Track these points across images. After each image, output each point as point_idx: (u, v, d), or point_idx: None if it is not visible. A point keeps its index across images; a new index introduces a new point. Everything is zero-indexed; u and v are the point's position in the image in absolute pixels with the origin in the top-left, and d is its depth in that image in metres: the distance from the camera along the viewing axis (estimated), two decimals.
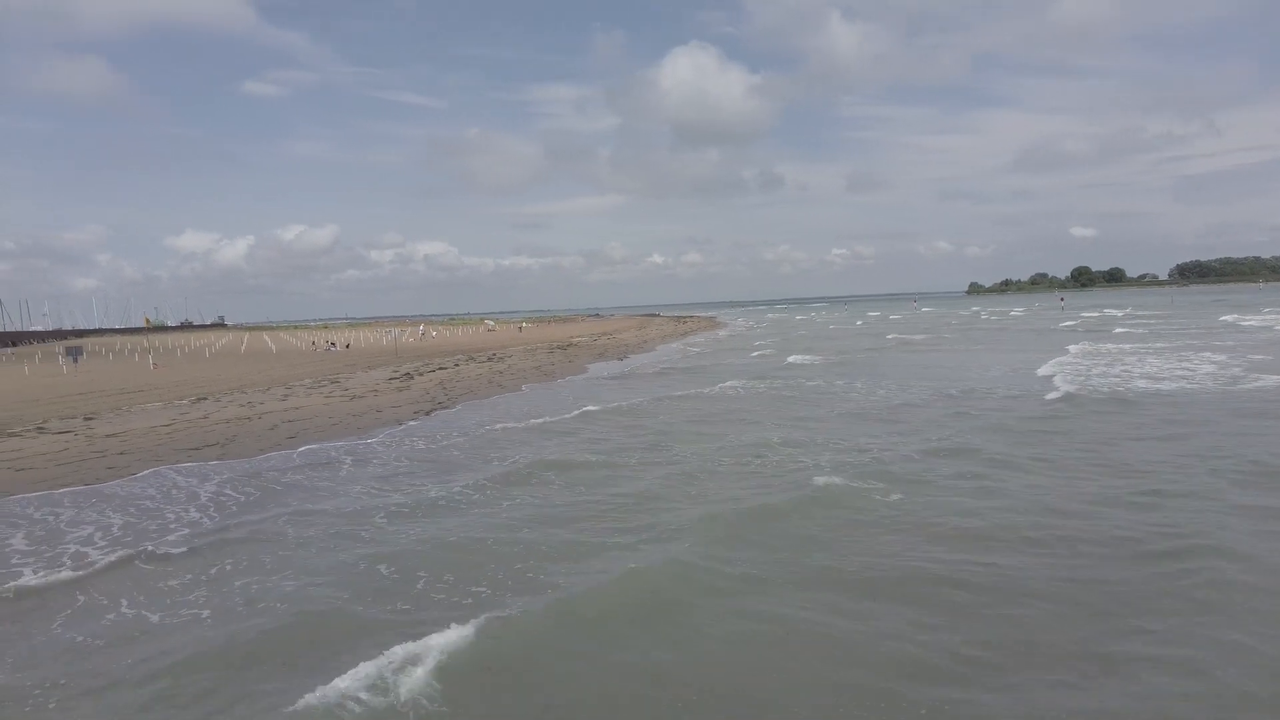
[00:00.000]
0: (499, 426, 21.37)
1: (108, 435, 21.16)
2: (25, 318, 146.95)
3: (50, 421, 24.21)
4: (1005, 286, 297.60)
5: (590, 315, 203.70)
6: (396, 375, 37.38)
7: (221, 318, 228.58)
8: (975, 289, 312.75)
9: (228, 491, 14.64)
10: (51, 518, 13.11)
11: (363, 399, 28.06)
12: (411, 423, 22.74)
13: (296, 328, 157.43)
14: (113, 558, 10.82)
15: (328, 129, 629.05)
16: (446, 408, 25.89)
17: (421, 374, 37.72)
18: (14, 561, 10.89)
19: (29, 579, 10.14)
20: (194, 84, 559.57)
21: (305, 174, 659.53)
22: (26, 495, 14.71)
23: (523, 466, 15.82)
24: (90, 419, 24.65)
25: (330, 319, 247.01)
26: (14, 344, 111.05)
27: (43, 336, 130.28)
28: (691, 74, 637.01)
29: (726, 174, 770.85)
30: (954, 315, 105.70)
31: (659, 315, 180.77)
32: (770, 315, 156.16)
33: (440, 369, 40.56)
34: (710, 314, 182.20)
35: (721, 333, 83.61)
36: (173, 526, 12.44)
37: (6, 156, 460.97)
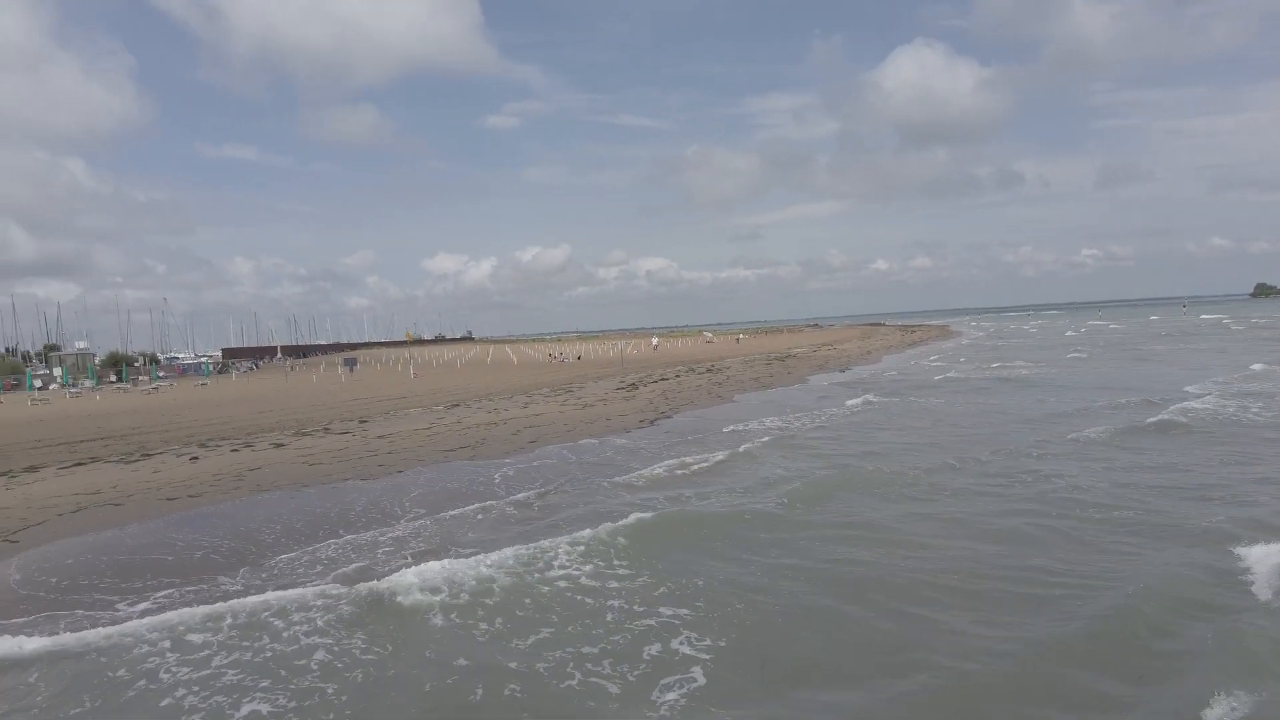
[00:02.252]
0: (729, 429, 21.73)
1: (378, 436, 24.06)
2: (313, 333, 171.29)
3: (334, 423, 27.99)
4: None
5: (809, 325, 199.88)
6: (623, 385, 39.08)
7: (469, 331, 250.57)
8: (1264, 290, 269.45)
9: (510, 475, 16.18)
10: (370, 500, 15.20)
11: (593, 407, 29.67)
12: (637, 430, 23.73)
13: (534, 340, 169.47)
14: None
15: (559, 155, 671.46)
16: (668, 417, 26.72)
17: (645, 384, 39.15)
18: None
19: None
20: (445, 121, 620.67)
21: (540, 198, 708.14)
22: (320, 487, 17.13)
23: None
24: (364, 422, 28.17)
25: (563, 332, 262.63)
26: (304, 355, 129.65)
27: (325, 349, 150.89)
28: (916, 73, 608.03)
29: (957, 173, 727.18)
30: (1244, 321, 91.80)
31: (884, 324, 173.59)
32: (1010, 324, 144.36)
33: (662, 379, 41.86)
34: (941, 322, 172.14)
35: (953, 343, 78.71)
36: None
37: (302, 195, 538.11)
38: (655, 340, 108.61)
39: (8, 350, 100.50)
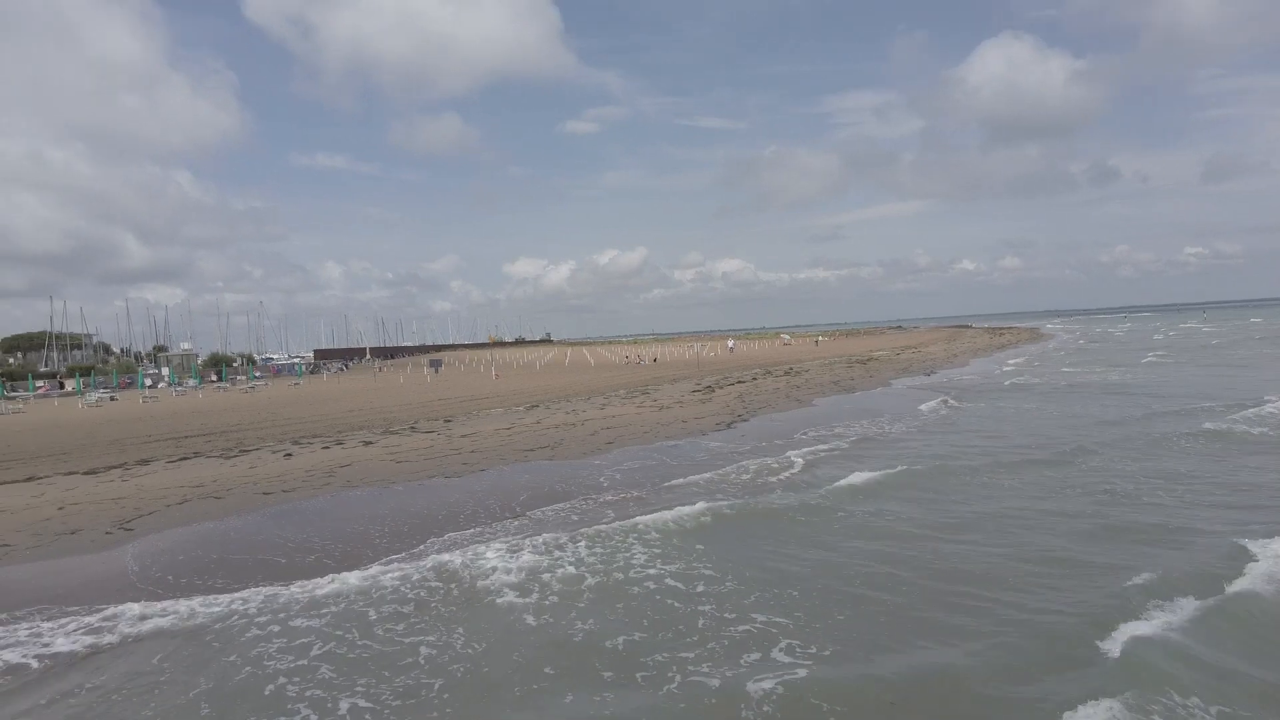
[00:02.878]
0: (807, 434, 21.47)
1: (462, 435, 24.68)
2: (399, 335, 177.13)
3: (419, 422, 28.84)
4: None
5: (892, 328, 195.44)
6: (699, 388, 39.01)
7: (548, 334, 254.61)
8: None
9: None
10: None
11: (669, 409, 29.72)
12: (715, 433, 23.66)
13: (611, 343, 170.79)
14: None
15: (636, 159, 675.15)
16: (745, 419, 26.54)
17: (721, 387, 38.99)
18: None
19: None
20: (526, 128, 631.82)
21: (617, 202, 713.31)
22: (406, 484, 17.68)
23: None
24: (448, 421, 28.93)
25: (639, 335, 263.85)
26: (391, 356, 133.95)
27: (411, 350, 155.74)
28: (1004, 67, 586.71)
29: (1048, 170, 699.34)
30: None
31: (970, 326, 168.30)
32: (1100, 327, 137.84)
33: (739, 382, 41.60)
34: (1031, 324, 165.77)
35: (1039, 346, 75.60)
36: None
37: (389, 202, 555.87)
38: (731, 343, 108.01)
39: (122, 351, 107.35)
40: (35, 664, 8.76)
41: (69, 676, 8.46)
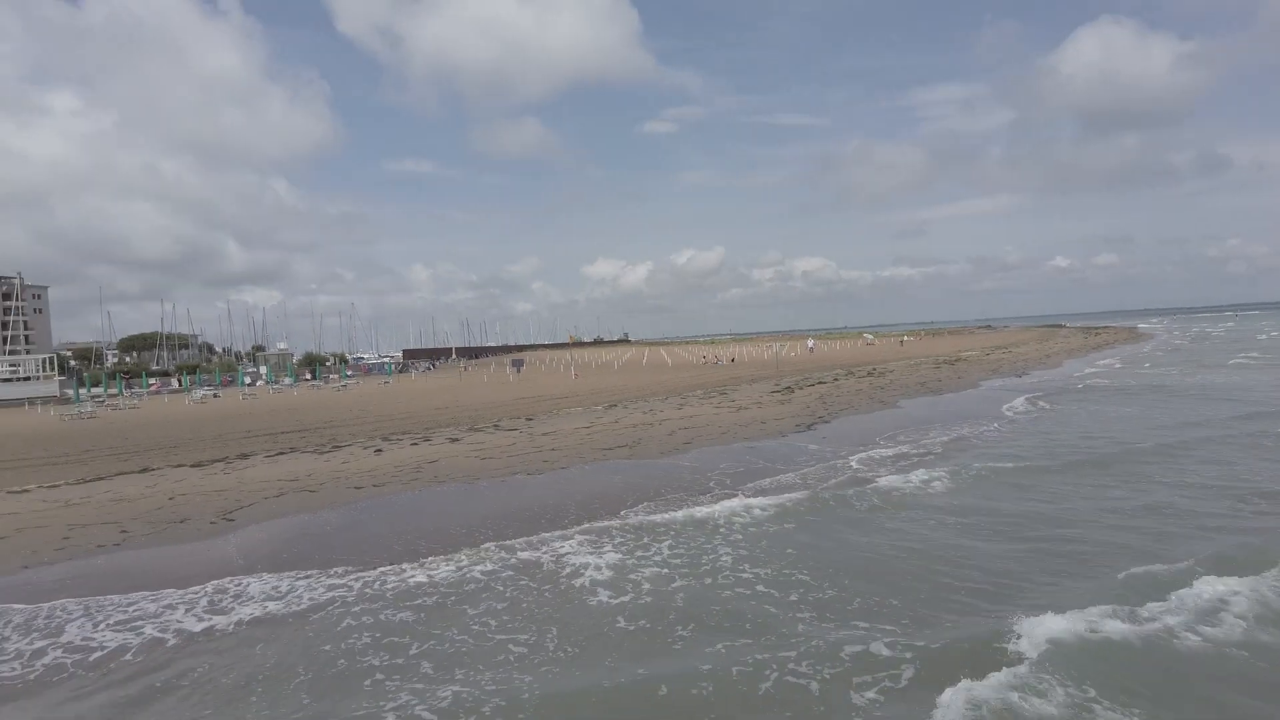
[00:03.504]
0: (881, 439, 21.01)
1: (543, 434, 25.08)
2: (483, 335, 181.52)
3: (502, 420, 29.44)
4: None
5: (980, 327, 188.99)
6: (778, 389, 38.58)
7: (626, 334, 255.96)
8: None
9: (668, 474, 16.54)
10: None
11: (747, 410, 29.50)
12: (794, 434, 23.36)
13: (688, 343, 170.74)
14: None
15: (714, 158, 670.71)
16: (825, 421, 26.10)
17: (801, 388, 38.46)
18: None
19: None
20: (605, 130, 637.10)
21: (695, 201, 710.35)
22: (491, 480, 18.08)
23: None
24: (530, 419, 29.44)
25: (717, 335, 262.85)
26: (475, 356, 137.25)
27: (494, 350, 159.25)
28: (1100, 53, 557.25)
29: (1149, 160, 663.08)
30: None
31: (1063, 326, 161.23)
32: (1207, 326, 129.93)
33: (819, 383, 40.95)
34: (1129, 324, 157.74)
35: (1141, 346, 71.79)
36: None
37: (472, 206, 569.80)
38: (811, 342, 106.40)
39: (224, 350, 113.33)
40: (169, 639, 9.35)
41: (190, 650, 8.99)
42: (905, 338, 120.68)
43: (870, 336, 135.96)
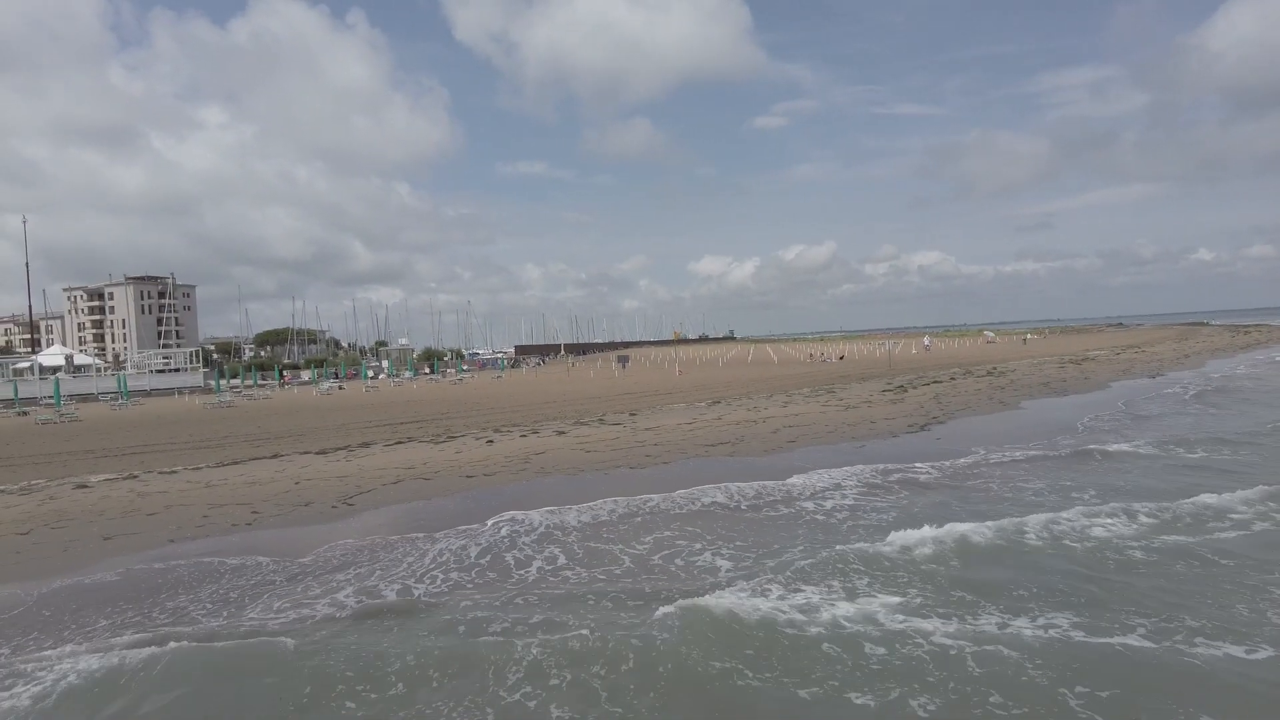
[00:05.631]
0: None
1: (646, 429, 25.22)
2: (591, 332, 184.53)
3: (607, 415, 29.81)
4: None
5: (1111, 325, 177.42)
6: (890, 387, 37.41)
7: (731, 331, 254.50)
8: None
9: (770, 474, 16.39)
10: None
11: (856, 409, 28.74)
12: (906, 435, 22.60)
13: (795, 340, 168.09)
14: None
15: (826, 151, 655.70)
16: (940, 422, 25.10)
17: (915, 387, 37.15)
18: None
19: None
20: (714, 127, 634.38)
21: (805, 196, 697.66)
22: (594, 473, 18.34)
23: None
24: (634, 414, 29.68)
25: (826, 332, 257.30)
26: (584, 352, 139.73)
27: (601, 347, 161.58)
28: (1254, 26, 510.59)
29: None
30: None
31: (1206, 324, 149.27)
32: None
33: (935, 382, 39.43)
34: None
35: None
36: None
37: (583, 206, 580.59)
38: (927, 340, 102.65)
39: (349, 345, 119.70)
40: (329, 610, 9.96)
41: (334, 628, 9.52)
42: (1029, 336, 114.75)
43: (991, 334, 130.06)
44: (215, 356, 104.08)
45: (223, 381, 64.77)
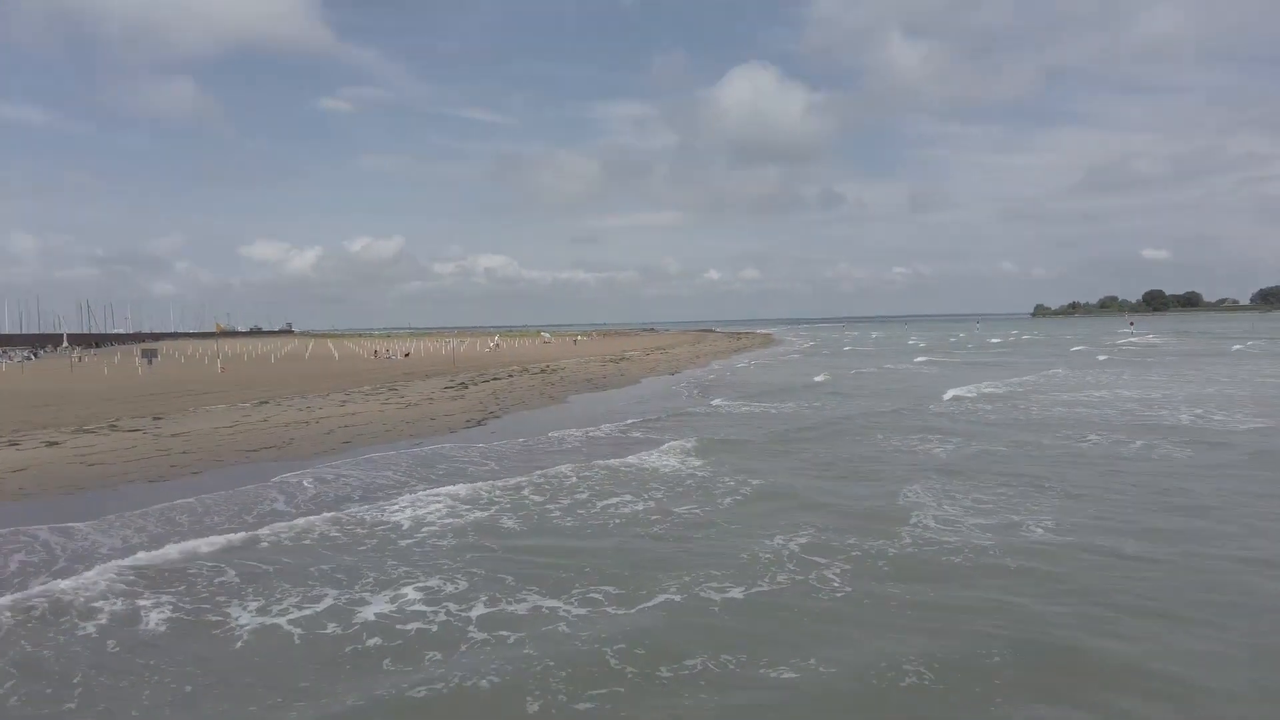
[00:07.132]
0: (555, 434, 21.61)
1: (173, 435, 21.98)
2: (109, 321, 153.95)
3: (122, 420, 25.28)
4: (1072, 309, 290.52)
5: (645, 330, 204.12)
6: (452, 385, 38.02)
7: (289, 324, 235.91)
8: (1041, 311, 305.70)
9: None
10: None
11: (417, 406, 28.62)
12: (464, 430, 23.13)
13: (360, 336, 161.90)
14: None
15: (397, 144, 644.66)
16: (496, 417, 26.26)
17: (476, 384, 38.31)
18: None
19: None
20: (273, 101, 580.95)
21: (373, 188, 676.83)
22: (95, 492, 15.37)
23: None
24: (159, 418, 25.65)
25: (393, 328, 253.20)
26: (96, 345, 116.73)
27: (123, 339, 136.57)
28: (750, 93, 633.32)
29: (785, 191, 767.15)
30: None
31: (714, 331, 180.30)
32: (824, 333, 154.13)
33: (494, 379, 41.15)
34: (767, 330, 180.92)
35: (774, 350, 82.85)
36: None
37: (101, 169, 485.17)
38: (496, 340, 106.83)
39: None
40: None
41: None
42: (580, 337, 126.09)
43: (548, 335, 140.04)
44: None
45: None
